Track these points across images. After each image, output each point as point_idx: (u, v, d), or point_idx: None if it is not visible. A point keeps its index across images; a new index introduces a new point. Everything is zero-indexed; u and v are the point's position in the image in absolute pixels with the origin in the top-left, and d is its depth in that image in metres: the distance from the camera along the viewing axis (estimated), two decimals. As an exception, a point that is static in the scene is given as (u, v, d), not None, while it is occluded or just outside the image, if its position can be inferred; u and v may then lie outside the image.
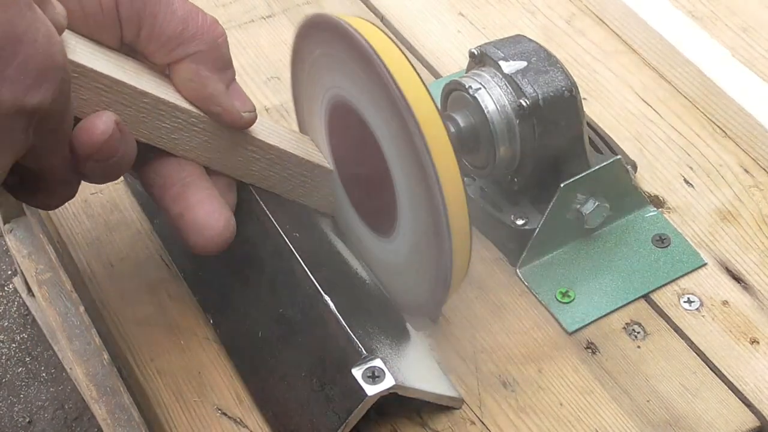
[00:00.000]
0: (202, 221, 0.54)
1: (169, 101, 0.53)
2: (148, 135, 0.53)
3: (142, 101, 0.52)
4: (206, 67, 0.54)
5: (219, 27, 0.54)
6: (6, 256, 1.28)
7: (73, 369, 0.75)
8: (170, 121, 0.54)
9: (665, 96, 0.76)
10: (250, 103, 0.56)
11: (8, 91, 0.43)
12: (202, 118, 0.55)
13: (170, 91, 0.54)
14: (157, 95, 0.53)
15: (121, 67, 0.52)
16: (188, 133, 0.55)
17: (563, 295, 0.63)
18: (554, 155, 0.63)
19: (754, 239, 0.67)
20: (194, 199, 0.55)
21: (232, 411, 0.58)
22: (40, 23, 0.44)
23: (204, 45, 0.53)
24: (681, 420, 0.58)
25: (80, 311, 0.64)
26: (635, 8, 0.79)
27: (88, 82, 0.50)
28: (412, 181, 0.54)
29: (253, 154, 0.58)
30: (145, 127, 0.53)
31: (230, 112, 0.55)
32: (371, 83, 0.54)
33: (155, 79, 0.54)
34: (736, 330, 0.62)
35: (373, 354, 0.54)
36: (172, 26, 0.52)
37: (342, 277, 0.60)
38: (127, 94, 0.52)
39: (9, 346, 1.21)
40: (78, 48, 0.50)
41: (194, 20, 0.53)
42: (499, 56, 0.62)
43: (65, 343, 0.65)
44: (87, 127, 0.49)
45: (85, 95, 0.50)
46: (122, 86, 0.51)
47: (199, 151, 0.56)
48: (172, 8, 0.52)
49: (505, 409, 0.58)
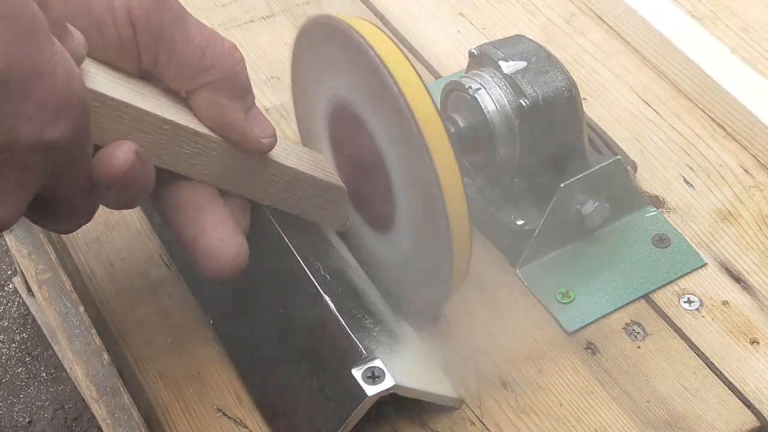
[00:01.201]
0: (215, 246, 0.53)
1: (189, 127, 0.52)
2: (168, 161, 0.53)
3: (162, 128, 0.52)
4: (224, 95, 0.52)
5: (237, 53, 0.53)
6: (6, 256, 1.28)
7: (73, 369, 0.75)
8: (190, 147, 0.53)
9: (665, 96, 0.76)
10: (270, 128, 0.55)
11: (26, 127, 0.42)
12: (222, 144, 0.54)
13: (190, 116, 0.53)
14: (177, 121, 0.52)
15: (141, 94, 0.51)
16: (207, 158, 0.54)
17: (563, 296, 0.63)
18: (554, 155, 0.63)
19: (754, 239, 0.67)
20: (208, 224, 0.54)
21: (231, 411, 0.58)
22: (59, 57, 0.43)
23: (221, 73, 0.52)
24: (681, 420, 0.58)
25: (80, 311, 0.63)
26: (635, 7, 0.79)
27: (108, 111, 0.49)
28: (411, 181, 0.54)
29: (272, 177, 0.57)
30: (165, 154, 0.52)
31: (250, 139, 0.54)
32: (371, 84, 0.54)
33: (175, 104, 0.53)
34: (736, 330, 0.62)
35: (373, 354, 0.54)
36: (189, 54, 0.51)
37: (342, 277, 0.60)
38: (147, 121, 0.51)
39: (9, 346, 1.21)
40: (98, 77, 0.49)
41: (212, 48, 0.52)
42: (499, 56, 0.62)
43: (65, 343, 0.65)
44: (106, 157, 0.48)
45: (105, 123, 0.49)
46: (142, 114, 0.50)
47: (218, 175, 0.55)
48: (190, 36, 0.51)
49: (505, 410, 0.58)
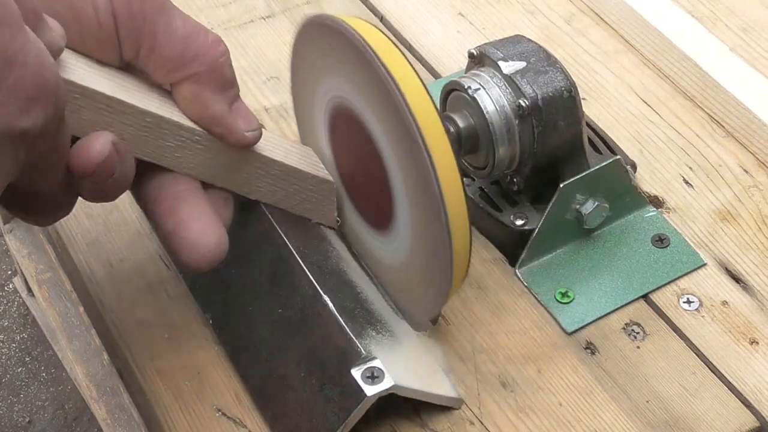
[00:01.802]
0: (194, 238, 0.52)
1: (171, 120, 0.52)
2: (151, 154, 0.52)
3: (145, 120, 0.51)
4: (207, 88, 0.52)
5: (221, 46, 0.52)
6: (6, 256, 1.28)
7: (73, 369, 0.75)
8: (173, 140, 0.53)
9: (665, 96, 0.76)
10: (255, 121, 0.55)
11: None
12: (206, 137, 0.54)
13: (173, 108, 0.53)
14: (160, 114, 0.52)
15: (122, 86, 0.51)
16: (192, 151, 0.53)
17: (563, 296, 0.63)
18: (553, 155, 0.63)
19: (754, 239, 0.67)
20: (187, 215, 0.53)
21: (231, 411, 0.59)
22: (31, 45, 0.42)
23: (204, 66, 0.51)
24: (680, 420, 0.58)
25: (80, 311, 0.63)
26: (635, 7, 0.79)
27: (88, 103, 0.49)
28: (411, 181, 0.54)
29: (258, 170, 0.57)
30: (147, 146, 0.52)
31: (233, 132, 0.54)
32: (370, 83, 0.54)
33: (157, 96, 0.53)
34: (736, 330, 0.62)
35: (372, 354, 0.54)
36: (171, 46, 0.51)
37: (341, 277, 0.60)
38: (129, 113, 0.50)
39: (9, 346, 1.21)
40: (78, 68, 0.49)
41: (195, 40, 0.51)
42: (499, 56, 0.62)
43: (65, 343, 0.65)
44: (83, 147, 0.48)
45: (86, 115, 0.49)
46: (123, 105, 0.50)
47: (203, 168, 0.54)
48: (173, 27, 0.51)
49: (505, 410, 0.58)
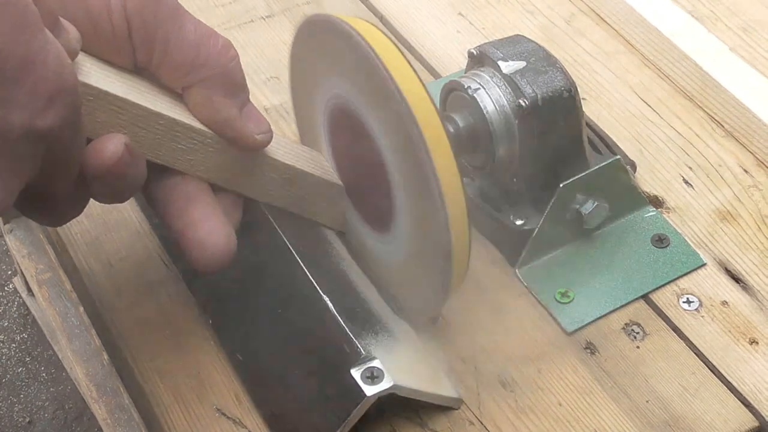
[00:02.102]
0: (203, 239, 0.53)
1: (184, 122, 0.52)
2: (164, 157, 0.53)
3: (158, 123, 0.52)
4: (218, 92, 0.53)
5: (231, 50, 0.53)
6: (6, 256, 1.28)
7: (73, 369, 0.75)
8: (186, 143, 0.53)
9: (665, 96, 0.76)
10: (265, 124, 0.55)
11: (18, 115, 0.42)
12: (218, 140, 0.54)
13: (185, 112, 0.53)
14: (172, 116, 0.52)
15: (136, 89, 0.51)
16: (204, 154, 0.54)
17: (562, 296, 0.63)
18: (553, 155, 0.63)
19: (754, 239, 0.67)
20: (196, 216, 0.54)
21: (231, 411, 0.58)
22: (50, 46, 0.43)
23: (215, 70, 0.52)
24: (680, 420, 0.57)
25: (80, 311, 0.63)
26: (635, 7, 0.79)
27: (102, 105, 0.49)
28: (411, 181, 0.54)
29: (270, 174, 0.57)
30: (160, 149, 0.52)
31: (244, 136, 0.54)
32: (370, 83, 0.54)
33: (170, 100, 0.53)
34: (736, 330, 0.62)
35: (372, 354, 0.54)
36: (183, 52, 0.51)
37: (341, 277, 0.60)
38: (142, 116, 0.51)
39: (9, 346, 1.21)
40: (92, 71, 0.50)
41: (206, 46, 0.52)
42: (498, 56, 0.62)
43: (65, 343, 0.65)
44: (97, 149, 0.49)
45: (100, 118, 0.49)
46: (137, 108, 0.51)
47: (215, 172, 0.55)
48: (184, 32, 0.51)
49: (504, 410, 0.58)
